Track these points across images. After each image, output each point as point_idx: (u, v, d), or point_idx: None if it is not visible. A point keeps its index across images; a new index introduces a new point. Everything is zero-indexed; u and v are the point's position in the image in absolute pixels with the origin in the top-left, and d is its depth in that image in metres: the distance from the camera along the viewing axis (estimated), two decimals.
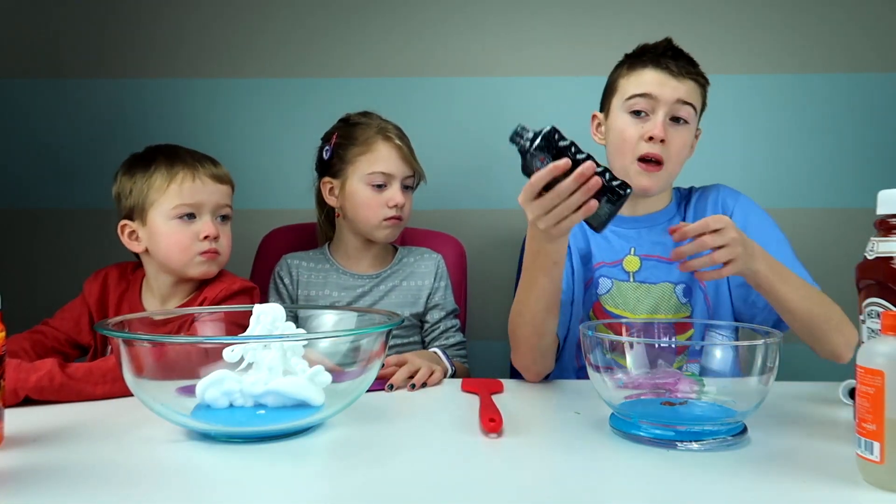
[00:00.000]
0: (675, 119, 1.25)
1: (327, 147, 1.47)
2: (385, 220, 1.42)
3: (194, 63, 1.93)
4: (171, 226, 1.23)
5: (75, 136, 1.93)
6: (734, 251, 1.00)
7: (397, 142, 1.43)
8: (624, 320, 1.21)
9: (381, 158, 1.42)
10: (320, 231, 1.58)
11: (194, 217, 1.24)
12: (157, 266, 1.28)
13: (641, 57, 1.27)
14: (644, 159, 1.23)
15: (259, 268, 1.64)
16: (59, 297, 1.36)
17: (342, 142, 1.45)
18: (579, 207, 0.93)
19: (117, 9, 1.93)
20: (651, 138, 1.22)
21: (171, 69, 1.93)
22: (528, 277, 1.08)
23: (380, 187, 1.42)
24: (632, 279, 1.28)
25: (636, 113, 1.25)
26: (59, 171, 1.94)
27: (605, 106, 1.34)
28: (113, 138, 1.89)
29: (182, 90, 1.93)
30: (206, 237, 1.24)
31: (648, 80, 1.25)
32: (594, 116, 1.36)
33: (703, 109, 1.31)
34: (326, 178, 1.48)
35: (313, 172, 1.54)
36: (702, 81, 1.28)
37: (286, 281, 1.48)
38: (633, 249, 1.29)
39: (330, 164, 1.46)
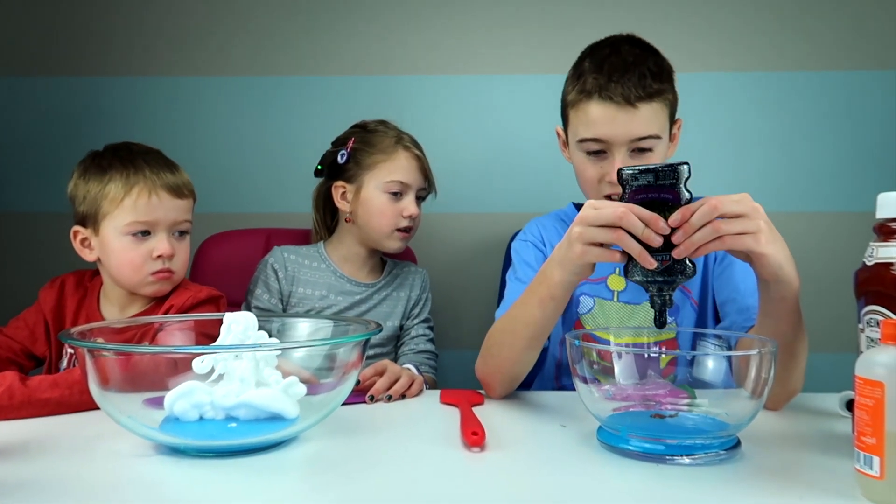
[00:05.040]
0: (639, 149, 1.15)
1: (343, 151, 1.47)
2: (397, 229, 1.44)
3: (166, 61, 1.91)
4: (124, 242, 1.18)
5: (38, 136, 1.90)
6: (755, 223, 0.82)
7: (416, 152, 1.46)
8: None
9: (400, 168, 1.44)
10: (314, 233, 1.59)
11: (149, 234, 1.19)
12: (111, 277, 1.23)
13: (585, 84, 1.15)
14: (610, 197, 1.17)
15: (198, 276, 1.58)
16: (13, 305, 1.32)
17: (360, 147, 1.46)
18: (607, 245, 0.87)
19: (102, 5, 1.91)
20: (612, 181, 1.15)
21: (152, 67, 1.91)
22: (524, 300, 1.03)
23: (395, 196, 1.43)
24: (616, 298, 1.24)
25: (593, 151, 1.17)
26: (19, 171, 1.90)
27: (564, 126, 1.27)
28: (78, 138, 1.83)
29: (146, 88, 1.91)
30: (159, 256, 1.19)
31: (595, 117, 1.13)
32: (559, 134, 1.30)
33: (675, 103, 1.20)
34: (340, 182, 1.48)
35: (309, 175, 1.54)
36: (659, 98, 1.14)
37: (280, 275, 1.47)
38: (617, 270, 1.24)
39: (344, 169, 1.47)
